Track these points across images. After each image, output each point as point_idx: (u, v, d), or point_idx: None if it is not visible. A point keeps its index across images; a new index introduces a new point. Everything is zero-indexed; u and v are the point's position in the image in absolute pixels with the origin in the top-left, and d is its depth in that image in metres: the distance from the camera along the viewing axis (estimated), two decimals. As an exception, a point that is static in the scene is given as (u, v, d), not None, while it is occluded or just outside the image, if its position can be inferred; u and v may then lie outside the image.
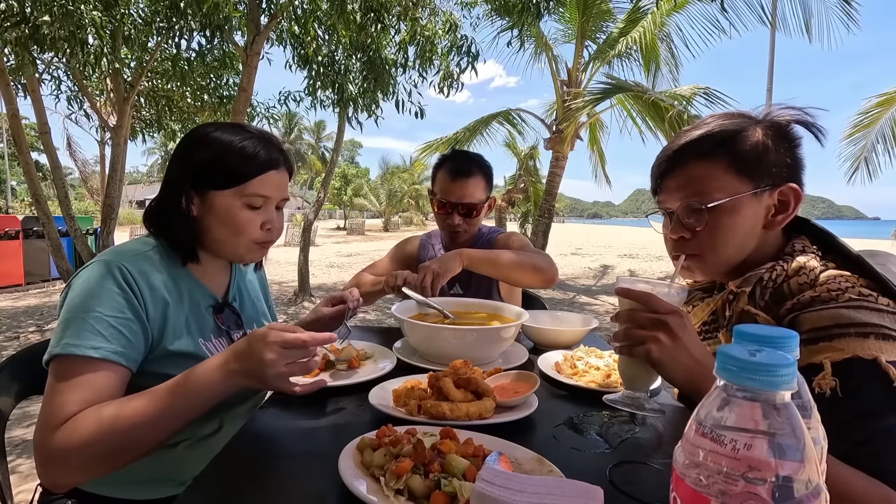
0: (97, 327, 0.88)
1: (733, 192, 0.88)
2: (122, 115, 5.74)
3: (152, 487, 1.02)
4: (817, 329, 0.75)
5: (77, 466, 0.82)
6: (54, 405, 0.84)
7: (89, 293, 0.91)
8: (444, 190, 1.80)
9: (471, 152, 1.93)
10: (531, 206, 11.63)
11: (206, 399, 0.85)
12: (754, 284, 0.89)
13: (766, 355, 0.38)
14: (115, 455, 0.83)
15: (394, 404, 0.90)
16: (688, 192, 0.91)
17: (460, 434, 0.74)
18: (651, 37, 7.91)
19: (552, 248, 14.22)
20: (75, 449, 0.81)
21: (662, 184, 0.97)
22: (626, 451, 0.80)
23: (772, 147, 0.88)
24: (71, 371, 0.86)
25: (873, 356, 0.70)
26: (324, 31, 5.51)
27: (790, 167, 0.90)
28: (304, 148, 45.26)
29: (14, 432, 2.94)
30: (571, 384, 1.06)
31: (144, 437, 0.83)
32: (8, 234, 8.40)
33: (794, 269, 0.86)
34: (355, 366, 1.16)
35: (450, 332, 1.17)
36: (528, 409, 0.90)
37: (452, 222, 1.79)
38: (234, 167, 1.02)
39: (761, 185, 0.88)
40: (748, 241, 0.92)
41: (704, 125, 0.93)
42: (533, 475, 0.64)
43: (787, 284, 0.85)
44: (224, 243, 1.06)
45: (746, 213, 0.89)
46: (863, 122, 8.91)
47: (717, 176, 0.89)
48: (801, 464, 0.36)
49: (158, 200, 1.06)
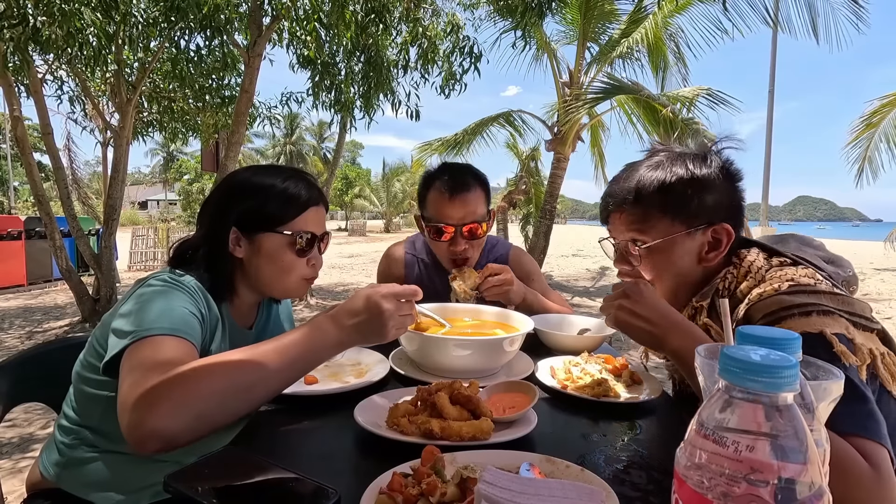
0: (169, 315, 0.89)
1: (666, 233, 0.98)
2: (124, 117, 5.75)
3: (134, 493, 1.02)
4: (766, 315, 0.83)
5: (191, 404, 0.74)
6: (150, 363, 0.80)
7: (157, 294, 0.94)
8: (440, 212, 1.55)
9: (462, 163, 1.71)
10: (532, 207, 11.61)
11: (323, 357, 0.86)
12: (711, 297, 0.97)
13: (769, 357, 0.38)
14: (232, 395, 0.78)
15: (386, 423, 0.83)
16: (628, 229, 1.02)
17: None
18: (656, 37, 7.89)
19: (553, 249, 14.22)
20: (192, 382, 0.75)
21: (609, 217, 1.08)
22: (627, 452, 0.79)
23: (714, 186, 0.97)
24: (150, 348, 0.84)
25: (818, 330, 0.78)
26: (325, 33, 5.52)
27: (727, 207, 0.98)
28: (306, 149, 45.29)
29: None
30: (567, 394, 1.02)
31: (267, 380, 0.80)
32: (10, 235, 8.42)
33: (743, 273, 0.95)
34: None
35: (447, 343, 1.09)
36: (527, 426, 0.83)
37: (457, 248, 1.56)
38: (278, 209, 1.07)
39: (695, 225, 0.97)
40: (683, 275, 1.01)
41: (644, 168, 1.01)
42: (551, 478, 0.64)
43: (738, 289, 0.94)
44: (273, 282, 1.11)
45: (680, 251, 0.99)
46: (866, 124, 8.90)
47: (653, 218, 0.99)
48: (803, 466, 0.36)
49: (198, 242, 1.10)
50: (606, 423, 0.91)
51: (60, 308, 7.14)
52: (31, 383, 1.23)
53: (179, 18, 4.57)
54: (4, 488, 2.26)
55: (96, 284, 6.16)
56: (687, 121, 7.31)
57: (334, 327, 0.86)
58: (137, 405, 0.74)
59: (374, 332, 0.87)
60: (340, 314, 0.87)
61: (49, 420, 3.17)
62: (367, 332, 0.87)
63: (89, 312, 5.93)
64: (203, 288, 1.02)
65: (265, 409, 0.95)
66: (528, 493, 0.53)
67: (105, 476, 0.99)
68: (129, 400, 0.75)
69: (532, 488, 0.54)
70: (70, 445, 1.02)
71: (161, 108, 7.08)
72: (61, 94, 6.63)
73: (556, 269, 12.85)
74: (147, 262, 11.89)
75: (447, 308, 1.38)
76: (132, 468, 0.99)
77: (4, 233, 8.36)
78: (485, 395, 0.94)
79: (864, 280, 10.54)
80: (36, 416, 3.25)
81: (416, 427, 0.80)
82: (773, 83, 10.15)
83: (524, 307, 1.54)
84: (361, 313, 0.86)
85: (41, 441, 2.92)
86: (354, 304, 0.87)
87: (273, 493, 0.60)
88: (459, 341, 1.10)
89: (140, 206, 50.77)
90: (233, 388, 0.78)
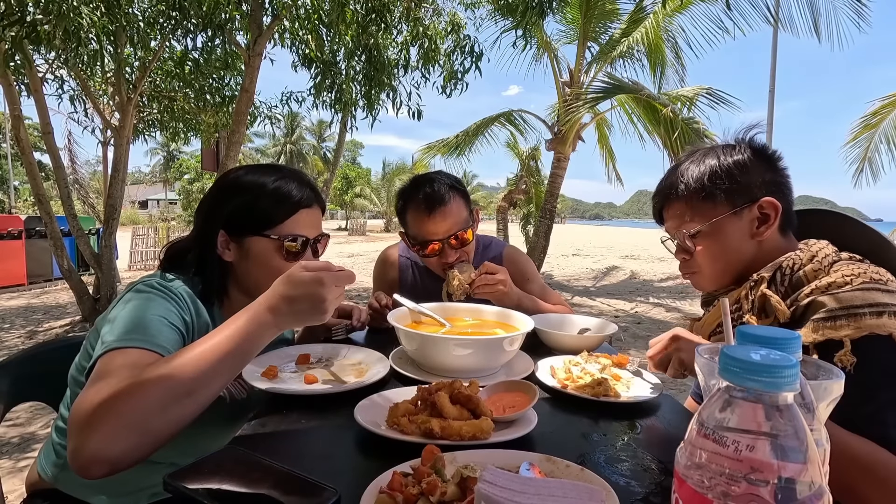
0: (143, 326, 0.88)
1: (712, 216, 1.04)
2: (125, 116, 5.75)
3: (132, 494, 1.03)
4: (835, 309, 0.84)
5: (131, 421, 0.71)
6: (106, 376, 0.77)
7: (140, 301, 0.92)
8: (423, 230, 1.55)
9: (432, 173, 1.65)
10: (532, 207, 11.60)
11: (260, 345, 0.83)
12: (774, 272, 0.98)
13: (769, 356, 0.38)
14: (174, 403, 0.74)
15: (386, 423, 0.83)
16: (677, 224, 1.10)
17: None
18: (656, 37, 7.88)
19: (553, 249, 14.21)
20: (129, 398, 0.71)
21: (662, 215, 1.15)
22: (627, 451, 0.79)
23: (747, 167, 1.02)
24: (111, 362, 0.82)
25: (889, 332, 0.78)
26: (325, 32, 5.52)
27: (768, 183, 1.03)
28: (307, 149, 45.29)
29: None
30: (567, 393, 1.01)
31: (207, 380, 0.77)
32: (11, 234, 8.42)
33: (808, 257, 0.96)
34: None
35: (448, 342, 1.09)
36: (527, 425, 0.83)
37: (448, 261, 1.56)
38: (266, 211, 1.03)
39: (738, 204, 1.02)
40: (739, 253, 1.04)
41: (682, 163, 1.09)
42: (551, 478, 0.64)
43: (802, 271, 0.95)
44: (263, 289, 1.07)
45: (729, 231, 1.03)
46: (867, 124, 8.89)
47: (698, 207, 1.05)
48: (803, 465, 0.36)
49: (189, 244, 1.08)
50: (606, 422, 0.91)
51: (62, 307, 7.14)
52: (31, 382, 1.23)
53: (182, 17, 4.57)
54: (5, 488, 2.26)
55: (96, 284, 6.17)
56: (688, 120, 7.30)
57: (270, 315, 0.81)
58: (77, 429, 0.71)
59: (314, 306, 0.82)
60: (276, 301, 0.82)
61: (50, 420, 3.17)
62: (303, 316, 0.83)
63: (89, 312, 5.93)
64: (192, 294, 1.00)
65: (265, 409, 0.95)
66: (529, 492, 0.53)
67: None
68: (72, 420, 0.72)
69: (532, 488, 0.54)
70: (66, 447, 1.02)
71: (162, 107, 7.08)
72: (62, 93, 6.64)
73: (556, 268, 12.85)
74: (147, 262, 11.91)
75: (447, 308, 1.38)
76: (130, 470, 0.99)
77: (5, 232, 8.36)
78: (485, 394, 0.94)
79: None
80: (37, 416, 3.26)
81: (416, 426, 0.80)
82: (774, 82, 10.12)
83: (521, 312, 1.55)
84: (299, 300, 0.81)
85: (42, 440, 2.92)
86: (281, 288, 0.82)
87: (273, 492, 0.60)
88: (459, 341, 1.10)
89: (140, 206, 50.75)
90: (172, 395, 0.74)
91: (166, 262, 1.08)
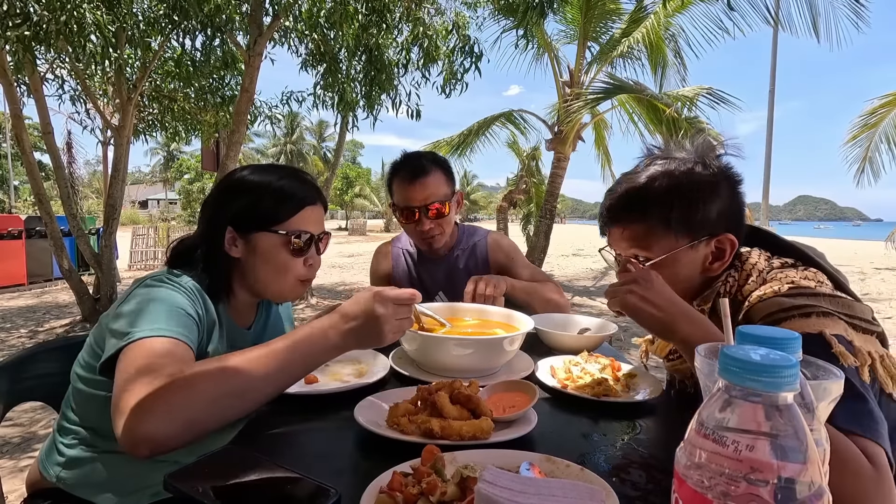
0: (165, 316, 0.90)
1: (670, 248, 0.97)
2: (125, 116, 5.75)
3: (134, 493, 1.02)
4: (765, 317, 0.84)
5: (181, 412, 0.75)
6: (143, 366, 0.80)
7: (155, 294, 0.94)
8: (404, 197, 1.67)
9: (423, 150, 1.82)
10: (533, 206, 11.61)
11: (319, 361, 0.86)
12: (713, 300, 0.98)
13: (769, 356, 0.38)
14: (224, 401, 0.78)
15: (386, 423, 0.83)
16: (630, 245, 1.01)
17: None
18: (656, 36, 7.88)
19: (553, 249, 14.21)
20: (185, 389, 0.76)
21: (608, 230, 1.06)
22: (627, 451, 0.79)
23: (714, 196, 0.96)
24: (145, 350, 0.84)
25: (818, 330, 0.79)
26: (326, 31, 5.52)
27: (729, 215, 0.97)
28: (307, 148, 45.27)
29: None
30: (567, 393, 1.02)
31: (260, 386, 0.80)
32: (11, 234, 8.42)
33: (745, 276, 0.96)
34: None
35: (447, 342, 1.09)
36: (527, 425, 0.83)
37: (423, 228, 1.67)
38: (273, 208, 1.06)
39: (698, 237, 0.97)
40: (687, 282, 1.00)
41: (643, 180, 0.99)
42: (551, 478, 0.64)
43: (740, 293, 0.94)
44: (269, 283, 1.10)
45: (684, 262, 0.98)
46: (866, 124, 8.89)
47: (655, 234, 0.98)
48: (803, 465, 0.36)
49: (196, 241, 1.10)
50: (606, 422, 0.91)
51: (62, 307, 7.15)
52: (31, 382, 1.23)
53: (182, 18, 4.57)
54: (5, 487, 2.26)
55: (96, 284, 6.17)
56: (691, 120, 7.30)
57: (332, 332, 0.85)
58: (130, 410, 0.74)
59: (372, 336, 0.86)
60: (338, 318, 0.86)
61: (50, 419, 3.17)
62: (364, 337, 0.86)
63: (89, 311, 5.93)
64: (200, 289, 1.02)
65: (265, 409, 0.95)
66: (529, 492, 0.53)
67: (104, 476, 0.99)
68: (122, 404, 0.76)
69: (532, 487, 0.54)
70: (69, 445, 1.02)
71: (162, 107, 7.08)
72: (62, 93, 6.64)
73: (556, 268, 12.85)
74: (147, 262, 11.90)
75: (451, 307, 1.39)
76: (131, 469, 0.99)
77: (5, 232, 8.36)
78: (485, 394, 0.94)
79: (864, 280, 10.54)
80: (38, 415, 3.26)
81: (416, 426, 0.80)
82: (774, 82, 10.12)
83: (522, 300, 1.56)
84: (359, 318, 0.85)
85: (42, 440, 2.92)
86: (352, 308, 0.86)
87: (273, 492, 0.60)
88: (459, 340, 1.10)
89: (140, 206, 50.77)
90: (225, 394, 0.78)
91: (172, 260, 1.10)
